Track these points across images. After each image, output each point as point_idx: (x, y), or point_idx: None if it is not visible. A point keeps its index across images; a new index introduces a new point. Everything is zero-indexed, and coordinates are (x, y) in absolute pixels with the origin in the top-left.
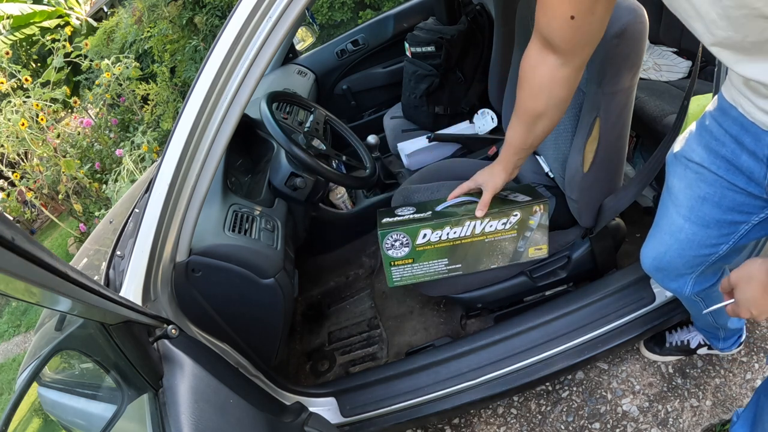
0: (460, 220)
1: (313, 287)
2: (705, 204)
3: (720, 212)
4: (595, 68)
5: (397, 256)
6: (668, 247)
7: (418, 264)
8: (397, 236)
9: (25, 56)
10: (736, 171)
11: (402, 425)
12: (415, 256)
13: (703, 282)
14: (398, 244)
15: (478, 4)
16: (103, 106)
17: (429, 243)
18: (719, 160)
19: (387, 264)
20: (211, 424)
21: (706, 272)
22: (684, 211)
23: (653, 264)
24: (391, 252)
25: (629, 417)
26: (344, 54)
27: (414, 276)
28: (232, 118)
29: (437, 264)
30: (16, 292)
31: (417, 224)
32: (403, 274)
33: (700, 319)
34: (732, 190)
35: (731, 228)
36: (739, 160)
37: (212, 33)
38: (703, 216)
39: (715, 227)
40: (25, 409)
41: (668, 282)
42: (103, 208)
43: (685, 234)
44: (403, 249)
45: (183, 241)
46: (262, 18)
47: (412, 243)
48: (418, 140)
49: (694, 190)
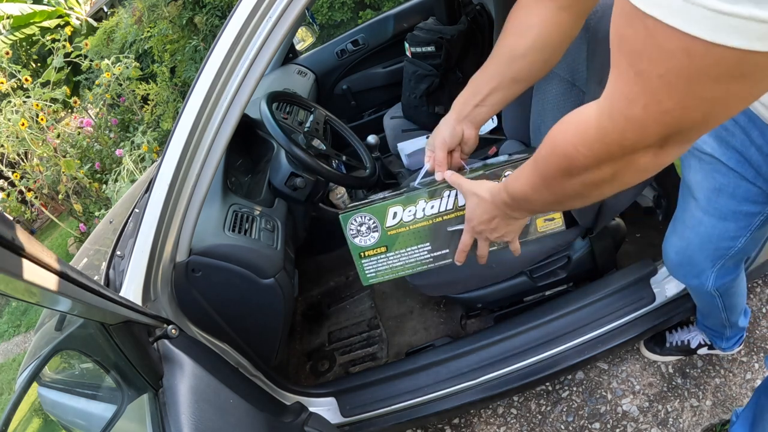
0: (436, 190)
1: (313, 287)
2: (721, 195)
3: (735, 203)
4: (595, 68)
5: (366, 245)
6: (689, 241)
7: (394, 253)
8: (362, 218)
9: (25, 56)
10: (745, 163)
11: (402, 425)
12: (388, 242)
13: (724, 275)
14: (365, 229)
15: (478, 4)
16: (103, 106)
17: (402, 224)
18: (730, 151)
19: (356, 256)
20: (211, 424)
21: (727, 265)
22: (702, 204)
23: (676, 259)
24: (358, 240)
25: (629, 417)
26: (344, 54)
27: (392, 269)
28: (232, 118)
29: (417, 251)
30: (16, 292)
31: (383, 201)
32: (378, 268)
33: (710, 317)
34: (744, 180)
35: (747, 219)
36: (748, 152)
37: (212, 33)
38: (720, 208)
39: (732, 219)
40: (25, 409)
41: (691, 278)
42: (103, 208)
43: (705, 227)
44: (372, 234)
45: (183, 241)
46: (262, 18)
47: (381, 226)
48: (418, 140)
49: (710, 182)
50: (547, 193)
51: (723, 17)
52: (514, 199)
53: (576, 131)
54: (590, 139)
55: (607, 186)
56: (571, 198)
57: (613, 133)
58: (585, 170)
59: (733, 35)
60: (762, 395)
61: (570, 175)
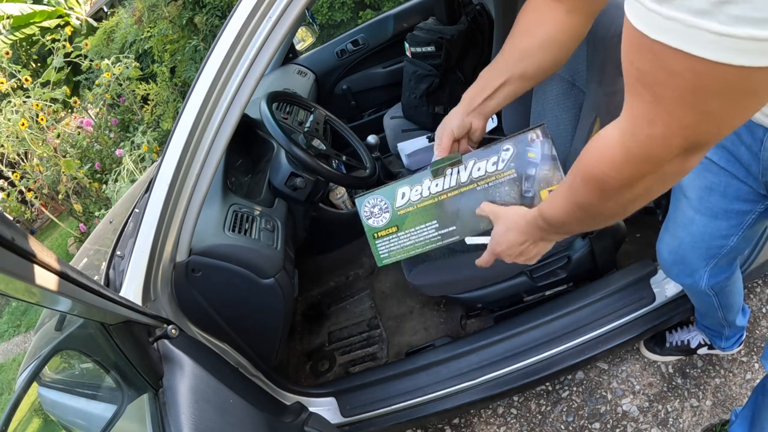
0: (439, 168)
1: (313, 287)
2: (712, 194)
3: (726, 202)
4: (595, 68)
5: (379, 225)
6: (681, 240)
7: (404, 232)
8: (375, 200)
9: (25, 56)
10: (736, 162)
11: (402, 425)
12: (399, 222)
13: (718, 274)
14: (377, 210)
15: (478, 4)
16: (103, 106)
17: (410, 203)
18: (720, 150)
19: (370, 237)
20: (211, 424)
21: (720, 264)
22: (694, 203)
23: (670, 258)
24: (372, 221)
25: (629, 417)
26: (344, 54)
27: (403, 249)
28: (232, 118)
29: (426, 229)
30: (16, 292)
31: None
32: (391, 248)
33: (708, 317)
34: (735, 179)
35: (738, 218)
36: (738, 150)
37: (212, 33)
38: (711, 207)
39: (724, 218)
40: (25, 409)
41: (684, 277)
42: (103, 208)
43: (696, 226)
44: (384, 215)
45: (183, 241)
46: (262, 18)
47: (391, 206)
48: (418, 140)
49: (701, 180)
50: (584, 216)
51: (724, 39)
52: (550, 224)
53: (601, 156)
54: (618, 162)
55: (641, 200)
56: (609, 217)
57: (639, 152)
58: (618, 191)
59: (734, 54)
60: (760, 394)
61: (605, 199)
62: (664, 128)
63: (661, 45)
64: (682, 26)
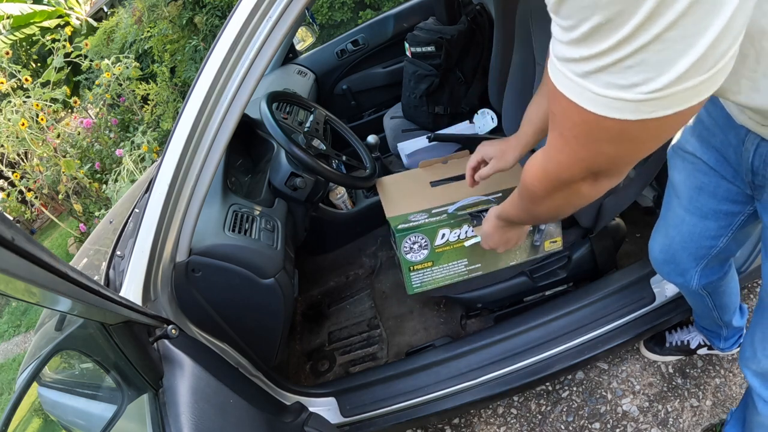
0: (473, 213)
1: (313, 287)
2: (702, 194)
3: (716, 202)
4: None
5: (417, 260)
6: (672, 239)
7: (438, 267)
8: (416, 238)
9: (25, 56)
10: (725, 163)
11: (402, 425)
12: (435, 258)
13: (709, 274)
14: (417, 247)
15: (478, 4)
16: (103, 106)
17: (448, 243)
18: (710, 150)
19: (406, 270)
20: (211, 424)
21: (711, 264)
22: (684, 203)
23: (660, 257)
24: (410, 256)
25: (629, 417)
26: (344, 54)
27: (434, 280)
28: (232, 118)
29: (457, 265)
30: (16, 292)
31: (435, 224)
32: (423, 280)
33: (704, 317)
34: (724, 179)
35: (728, 219)
36: (727, 151)
37: (212, 33)
38: (701, 207)
39: (713, 218)
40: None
41: (675, 276)
42: (103, 208)
43: (687, 226)
44: (422, 252)
45: (183, 241)
46: (262, 18)
47: (431, 244)
48: (418, 140)
49: (692, 180)
50: (526, 214)
51: (602, 98)
52: (507, 220)
53: (530, 170)
54: (539, 177)
55: (566, 207)
56: (545, 217)
57: (551, 172)
58: (542, 200)
59: (611, 110)
60: (749, 395)
61: (536, 204)
62: (567, 158)
63: (563, 96)
64: (574, 84)
